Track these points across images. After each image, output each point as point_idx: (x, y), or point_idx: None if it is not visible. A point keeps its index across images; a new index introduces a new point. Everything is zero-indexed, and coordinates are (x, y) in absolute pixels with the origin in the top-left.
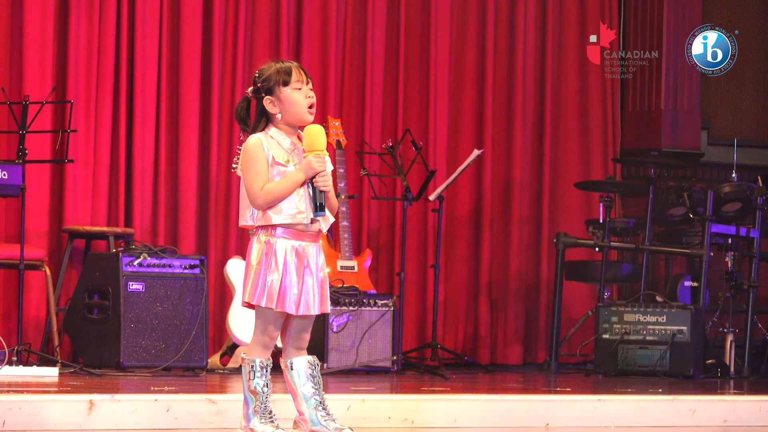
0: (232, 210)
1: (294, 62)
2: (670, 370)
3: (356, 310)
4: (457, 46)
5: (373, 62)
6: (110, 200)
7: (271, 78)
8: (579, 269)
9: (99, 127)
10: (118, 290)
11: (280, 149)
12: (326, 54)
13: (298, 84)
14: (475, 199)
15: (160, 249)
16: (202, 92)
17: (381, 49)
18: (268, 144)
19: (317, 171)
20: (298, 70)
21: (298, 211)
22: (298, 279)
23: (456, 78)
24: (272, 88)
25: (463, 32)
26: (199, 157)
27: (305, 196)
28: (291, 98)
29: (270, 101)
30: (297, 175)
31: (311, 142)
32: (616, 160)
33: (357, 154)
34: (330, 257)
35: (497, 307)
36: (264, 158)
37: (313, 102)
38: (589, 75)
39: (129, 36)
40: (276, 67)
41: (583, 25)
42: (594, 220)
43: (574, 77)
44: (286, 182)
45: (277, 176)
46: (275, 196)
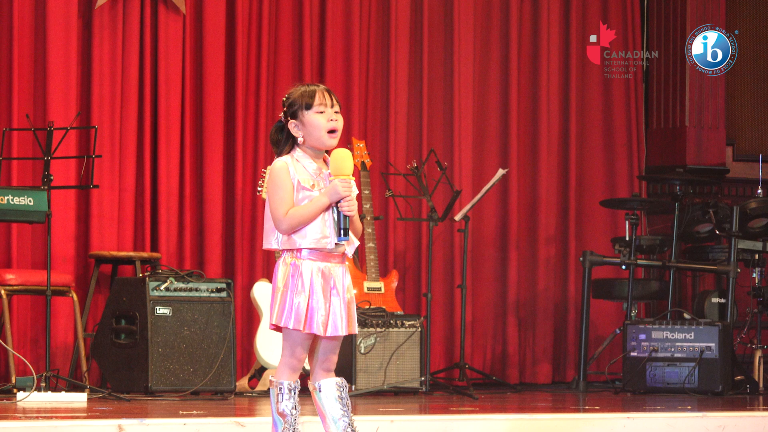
0: (258, 232)
1: (321, 85)
2: (699, 387)
3: (384, 331)
4: (481, 65)
5: (397, 83)
6: (136, 225)
7: (296, 101)
8: (606, 287)
9: (124, 151)
10: (146, 315)
11: (306, 173)
12: (350, 75)
13: (321, 107)
14: (501, 218)
15: (186, 273)
16: (226, 115)
17: (404, 69)
18: (295, 168)
19: (342, 196)
20: (323, 94)
21: (322, 235)
22: (324, 300)
23: (480, 97)
24: (296, 112)
25: (487, 51)
26: (224, 180)
27: (329, 221)
28: (312, 122)
29: (294, 125)
30: (322, 199)
31: (338, 166)
32: (641, 178)
33: (382, 175)
34: (357, 279)
35: (525, 326)
36: (289, 183)
37: (336, 127)
38: (613, 93)
39: (152, 59)
40: (301, 90)
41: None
42: (620, 238)
43: (598, 95)
44: (310, 207)
45: (303, 200)
46: (299, 221)
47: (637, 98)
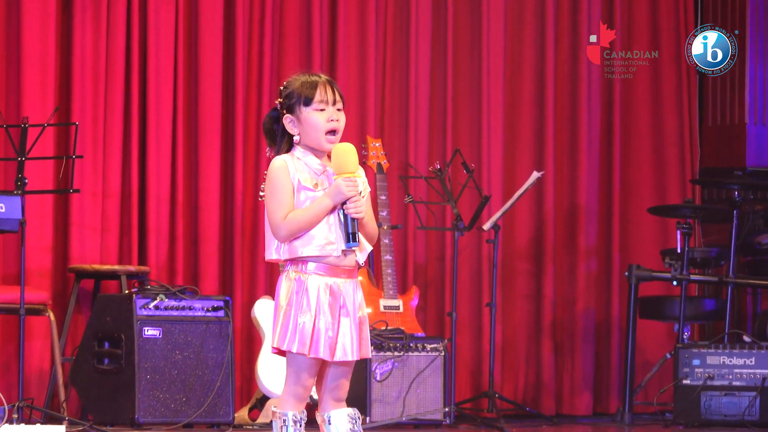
0: (260, 243)
1: (324, 76)
2: (761, 420)
3: (402, 355)
4: (513, 54)
5: (418, 74)
6: (122, 234)
7: (293, 94)
8: (655, 306)
9: (108, 151)
10: (132, 337)
11: (307, 171)
12: (364, 65)
13: (322, 104)
14: (535, 227)
15: (178, 289)
16: (224, 110)
17: (426, 58)
18: (295, 166)
19: (347, 196)
20: (325, 88)
21: (327, 241)
22: (333, 320)
23: (512, 90)
24: (294, 106)
25: (520, 38)
26: (222, 183)
27: (335, 225)
28: (310, 120)
29: (290, 120)
30: (324, 201)
31: (340, 163)
32: (694, 182)
33: (401, 178)
34: (371, 296)
35: (562, 351)
36: (289, 183)
37: (336, 127)
38: (663, 86)
39: (141, 47)
40: (301, 80)
41: (655, 28)
42: (671, 250)
43: (645, 87)
44: (311, 210)
45: (305, 202)
46: (300, 226)
47: (690, 92)
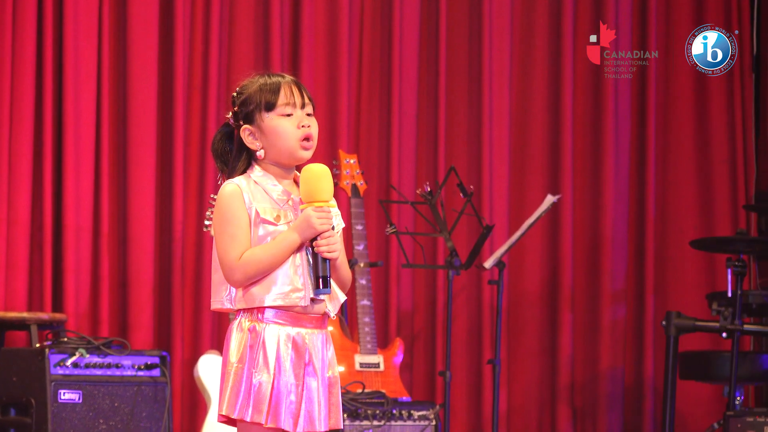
0: (205, 285)
1: (287, 76)
2: None
3: (383, 425)
4: (521, 47)
5: (402, 72)
6: (32, 273)
7: (251, 99)
8: (699, 363)
9: (14, 171)
10: (45, 402)
11: (267, 200)
12: (335, 63)
13: (288, 108)
14: (549, 265)
15: (103, 342)
16: (161, 120)
17: (413, 53)
18: (251, 192)
19: (319, 231)
20: (290, 88)
21: (292, 288)
22: (296, 381)
23: (520, 96)
24: (252, 114)
25: (529, 34)
26: (157, 211)
27: (303, 267)
28: (276, 128)
29: (249, 132)
30: (291, 236)
31: (311, 189)
32: (749, 208)
33: (381, 203)
34: (345, 350)
35: (583, 418)
36: (244, 214)
37: (310, 133)
38: (710, 89)
39: (55, 42)
40: (259, 83)
41: (699, 14)
42: (719, 294)
43: (687, 92)
44: (274, 248)
45: (265, 239)
46: (259, 267)
47: (744, 98)
